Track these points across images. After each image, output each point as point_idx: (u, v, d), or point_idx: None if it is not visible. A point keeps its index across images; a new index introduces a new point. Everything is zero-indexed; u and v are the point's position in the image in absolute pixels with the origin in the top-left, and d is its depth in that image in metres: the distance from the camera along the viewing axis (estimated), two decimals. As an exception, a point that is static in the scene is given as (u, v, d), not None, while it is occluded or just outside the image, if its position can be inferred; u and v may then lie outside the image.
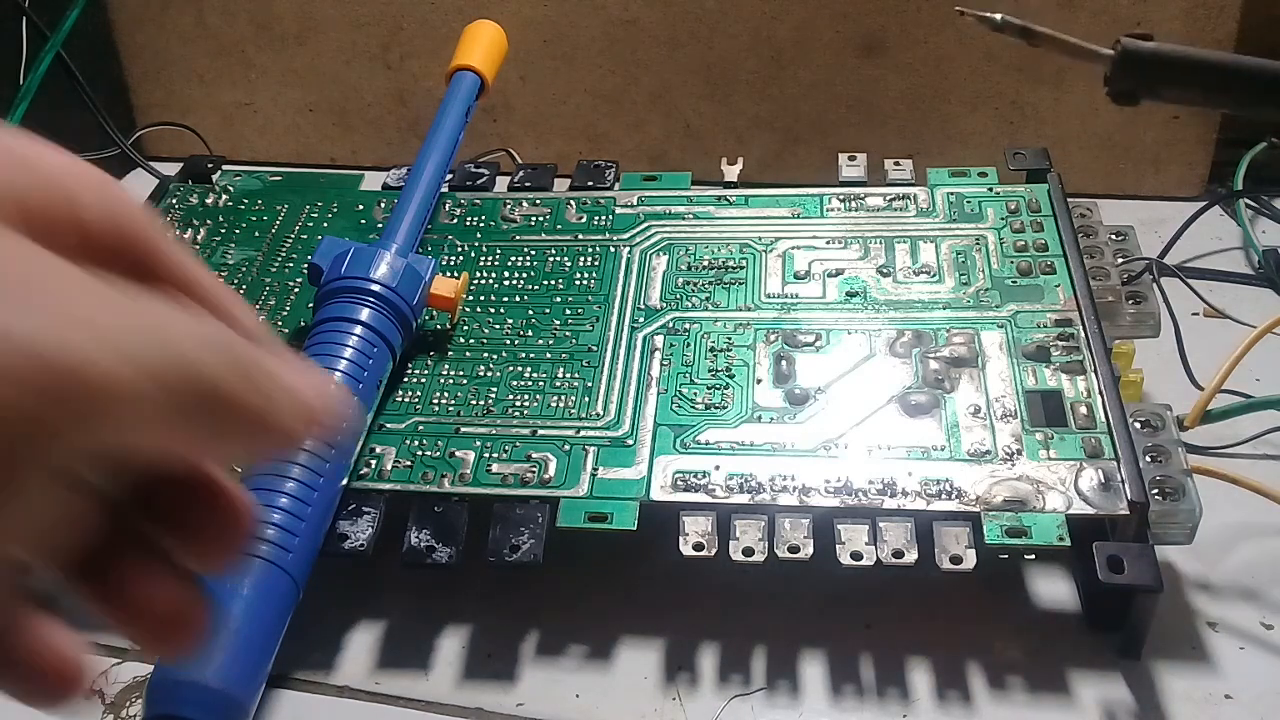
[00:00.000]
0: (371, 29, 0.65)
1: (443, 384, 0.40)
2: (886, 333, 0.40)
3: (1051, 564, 0.37)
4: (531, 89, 0.64)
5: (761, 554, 0.33)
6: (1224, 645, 0.35)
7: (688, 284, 0.43)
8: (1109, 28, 0.57)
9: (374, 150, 0.68)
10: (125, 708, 0.35)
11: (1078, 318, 0.39)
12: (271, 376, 0.16)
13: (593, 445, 0.37)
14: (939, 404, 0.37)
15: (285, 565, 0.32)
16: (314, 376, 0.18)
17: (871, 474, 0.35)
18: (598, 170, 0.49)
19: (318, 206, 0.49)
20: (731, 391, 0.38)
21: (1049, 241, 0.43)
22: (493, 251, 0.46)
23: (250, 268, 0.46)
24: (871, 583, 0.34)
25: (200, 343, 0.15)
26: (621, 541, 0.35)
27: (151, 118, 0.69)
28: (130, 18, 0.68)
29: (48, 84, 0.53)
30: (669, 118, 0.63)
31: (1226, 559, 0.37)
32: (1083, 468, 0.34)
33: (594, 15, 0.61)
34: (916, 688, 0.34)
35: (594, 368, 0.40)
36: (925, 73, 0.59)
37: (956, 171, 0.47)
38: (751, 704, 0.34)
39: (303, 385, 0.17)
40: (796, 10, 0.59)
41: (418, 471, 0.37)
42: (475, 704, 0.35)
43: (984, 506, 0.34)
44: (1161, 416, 0.36)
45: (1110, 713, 0.33)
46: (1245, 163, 0.56)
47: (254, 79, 0.68)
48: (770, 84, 0.61)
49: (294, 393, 0.17)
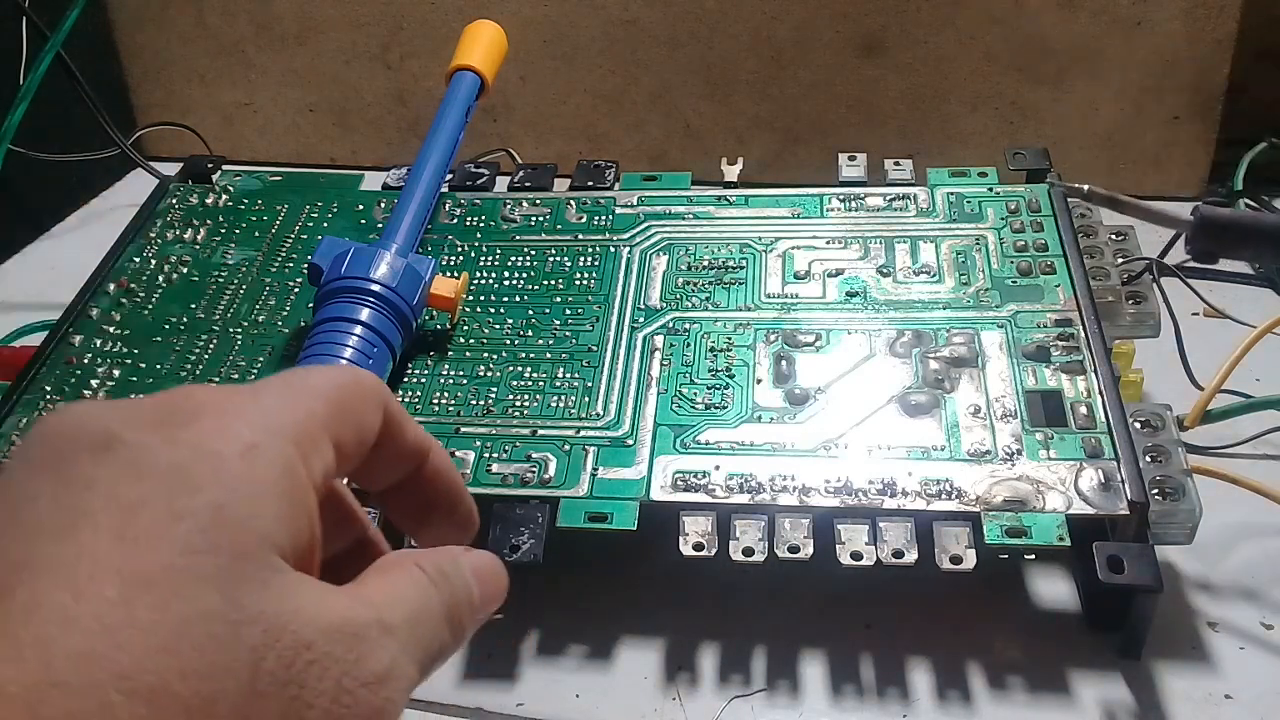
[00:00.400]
0: (371, 29, 0.65)
1: (443, 384, 0.40)
2: (886, 333, 0.40)
3: (1051, 564, 0.37)
4: (531, 89, 0.64)
5: (761, 554, 0.33)
6: (1224, 645, 0.35)
7: (688, 284, 0.43)
8: (1109, 28, 0.57)
9: (374, 150, 0.68)
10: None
11: (1078, 318, 0.39)
12: (474, 611, 0.20)
13: (593, 445, 0.37)
14: (939, 404, 0.37)
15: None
16: (495, 574, 0.22)
17: (871, 474, 0.35)
18: (598, 170, 0.49)
19: (318, 206, 0.49)
20: (731, 391, 0.38)
21: (1049, 241, 0.43)
22: (493, 251, 0.46)
23: (250, 268, 0.46)
24: (871, 583, 0.34)
25: (441, 622, 0.19)
26: (621, 541, 0.35)
27: (151, 118, 0.69)
28: (130, 18, 0.68)
29: (48, 84, 0.53)
30: (669, 118, 0.63)
31: (1226, 559, 0.37)
32: (1083, 468, 0.34)
33: (594, 15, 0.62)
34: (916, 688, 0.34)
35: (594, 368, 0.40)
36: (925, 73, 0.59)
37: (956, 171, 0.47)
38: (751, 704, 0.34)
39: (486, 594, 0.21)
40: (796, 10, 0.59)
41: (418, 471, 0.37)
42: (475, 704, 0.35)
43: (984, 506, 0.34)
44: (1161, 416, 0.36)
45: (1110, 713, 0.33)
46: (1245, 163, 0.56)
47: (254, 79, 0.68)
48: (770, 84, 0.61)
49: (485, 611, 0.21)
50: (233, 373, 0.41)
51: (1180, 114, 0.58)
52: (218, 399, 0.18)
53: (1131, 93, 0.58)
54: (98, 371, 0.42)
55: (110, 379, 0.41)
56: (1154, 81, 0.57)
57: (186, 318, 0.44)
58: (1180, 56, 0.57)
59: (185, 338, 0.43)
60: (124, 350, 0.43)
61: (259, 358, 0.42)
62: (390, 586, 0.19)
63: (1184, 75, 0.57)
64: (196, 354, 0.42)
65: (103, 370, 0.42)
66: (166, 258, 0.47)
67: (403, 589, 0.19)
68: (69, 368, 0.42)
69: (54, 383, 0.41)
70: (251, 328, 0.43)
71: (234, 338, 0.43)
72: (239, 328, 0.43)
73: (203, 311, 0.44)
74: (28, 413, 0.40)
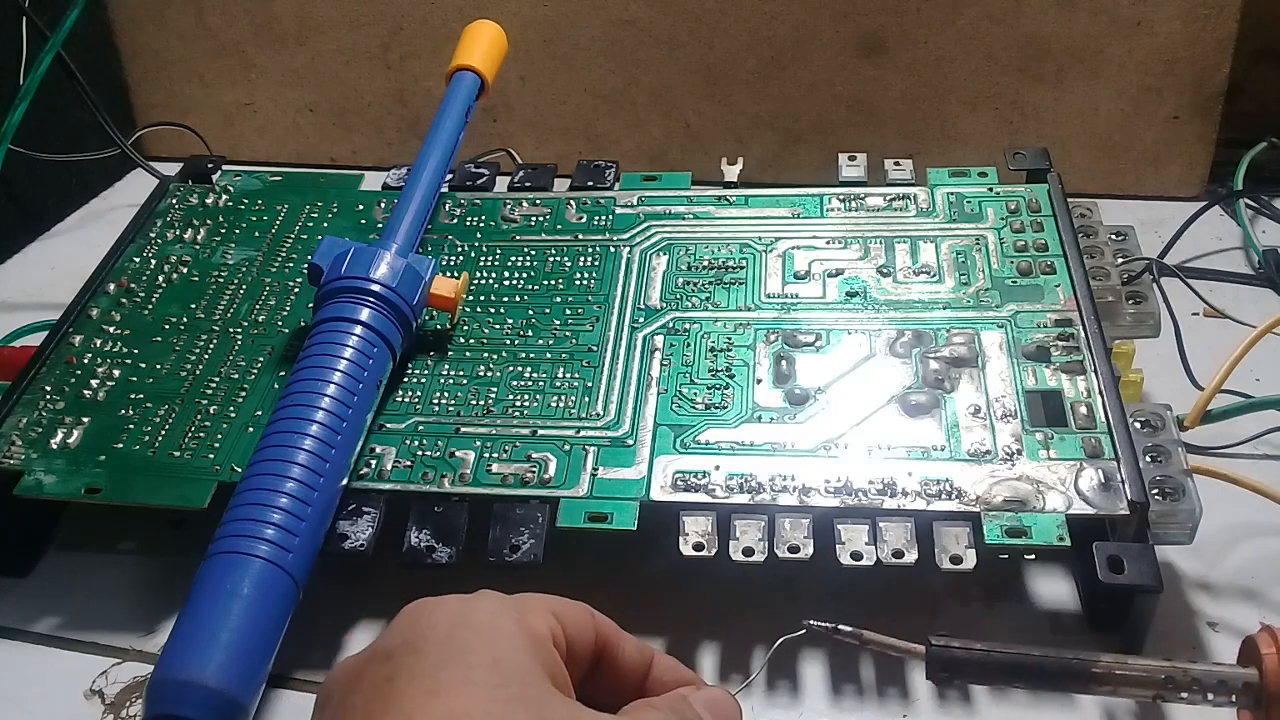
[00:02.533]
0: (371, 29, 0.65)
1: (443, 384, 0.40)
2: (886, 333, 0.40)
3: (1051, 564, 0.37)
4: (531, 89, 0.64)
5: (761, 554, 0.33)
6: (1224, 645, 0.35)
7: (688, 284, 0.43)
8: (1109, 28, 0.57)
9: (374, 150, 0.68)
10: (125, 708, 0.35)
11: (1078, 318, 0.39)
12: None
13: (593, 445, 0.37)
14: (939, 404, 0.37)
15: (285, 565, 0.32)
16: (721, 704, 0.26)
17: (871, 474, 0.35)
18: (598, 170, 0.49)
19: (318, 206, 0.49)
20: (731, 391, 0.38)
21: (1049, 241, 0.43)
22: (493, 251, 0.46)
23: (250, 268, 0.46)
24: (872, 583, 0.34)
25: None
26: (621, 541, 0.35)
27: (151, 118, 0.69)
28: (130, 18, 0.68)
29: (48, 84, 0.53)
30: (669, 118, 0.63)
31: (1226, 559, 0.37)
32: (1083, 468, 0.34)
33: (594, 15, 0.62)
34: (916, 688, 0.34)
35: (594, 368, 0.40)
36: (925, 73, 0.60)
37: (956, 171, 0.47)
38: (751, 704, 0.34)
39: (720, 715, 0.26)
40: (796, 10, 0.59)
41: (418, 471, 0.37)
42: (475, 704, 0.35)
43: (984, 506, 0.34)
44: (1161, 416, 0.36)
45: (1110, 713, 0.33)
46: (1245, 163, 0.56)
47: (254, 79, 0.68)
48: (770, 84, 0.61)
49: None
50: (232, 372, 0.41)
51: (1180, 114, 0.58)
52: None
53: (1131, 93, 0.58)
54: (98, 371, 0.42)
55: (110, 379, 0.41)
56: (1154, 81, 0.57)
57: (186, 318, 0.44)
58: (1180, 56, 0.57)
59: (185, 338, 0.43)
60: (124, 350, 0.43)
61: (259, 358, 0.42)
62: (637, 711, 0.24)
63: (1184, 75, 0.57)
64: (196, 354, 0.42)
65: (103, 370, 0.42)
66: (166, 258, 0.47)
67: (647, 711, 0.24)
68: (69, 368, 0.42)
69: (54, 383, 0.41)
70: (251, 328, 0.43)
71: (234, 338, 0.43)
72: (239, 328, 0.43)
73: (203, 311, 0.44)
74: (28, 412, 0.40)
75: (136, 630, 0.37)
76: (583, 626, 0.25)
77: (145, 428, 0.39)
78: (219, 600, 0.30)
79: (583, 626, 0.25)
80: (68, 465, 0.38)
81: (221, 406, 0.40)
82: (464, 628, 0.22)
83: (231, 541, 0.32)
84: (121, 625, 0.37)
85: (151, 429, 0.39)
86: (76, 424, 0.40)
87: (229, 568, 0.31)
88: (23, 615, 0.38)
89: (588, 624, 0.25)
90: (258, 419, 0.39)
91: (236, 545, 0.32)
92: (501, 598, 0.24)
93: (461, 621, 0.22)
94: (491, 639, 0.22)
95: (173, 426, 0.39)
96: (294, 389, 0.36)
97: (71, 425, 0.39)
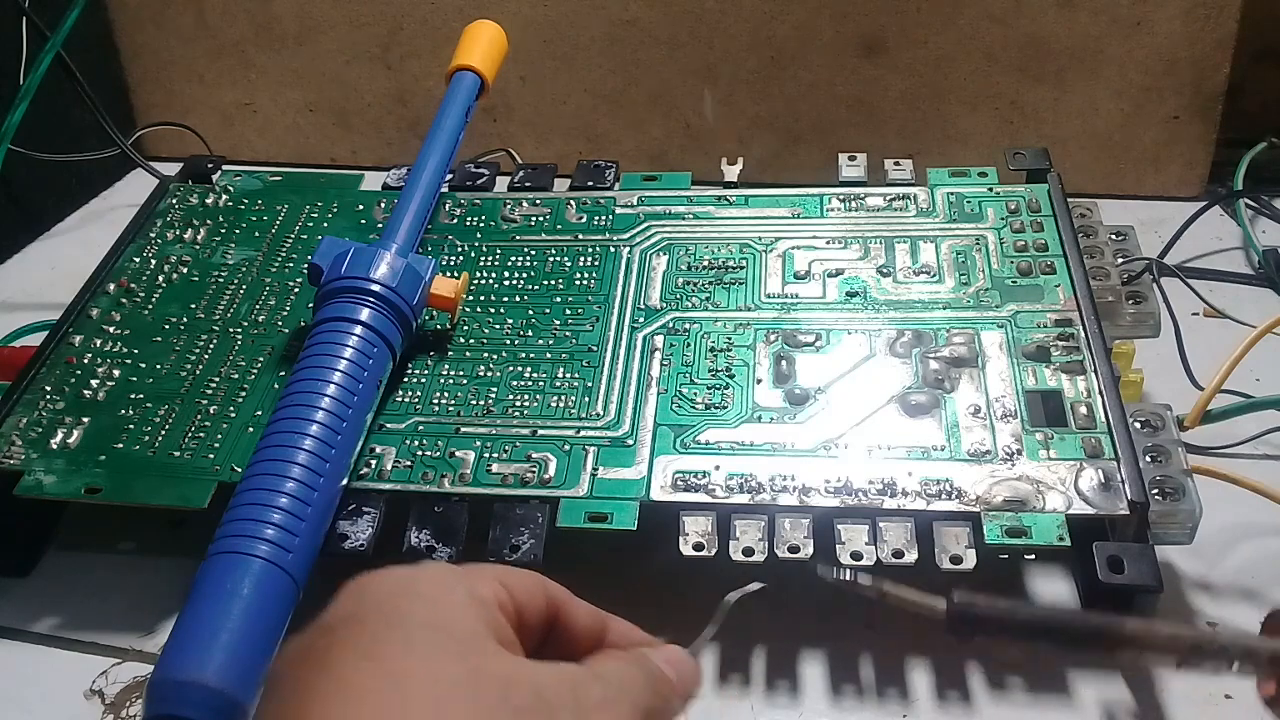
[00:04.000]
0: (371, 29, 0.65)
1: (443, 384, 0.40)
2: (886, 333, 0.40)
3: (1051, 564, 0.37)
4: (531, 89, 0.64)
5: (761, 554, 0.33)
6: (1224, 645, 0.35)
7: (688, 284, 0.43)
8: (1109, 28, 0.57)
9: (374, 150, 0.68)
10: (125, 708, 0.35)
11: (1078, 318, 0.39)
12: (669, 683, 0.25)
13: (593, 445, 0.37)
14: (939, 404, 0.37)
15: (285, 565, 0.32)
16: (681, 662, 0.27)
17: (871, 474, 0.35)
18: (598, 170, 0.49)
19: (318, 206, 0.49)
20: (731, 391, 0.38)
21: (1049, 241, 0.43)
22: (493, 251, 0.46)
23: (250, 268, 0.46)
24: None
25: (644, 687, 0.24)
26: (621, 541, 0.35)
27: (151, 118, 0.69)
28: (130, 18, 0.68)
29: (48, 84, 0.53)
30: (669, 118, 0.63)
31: (1226, 559, 0.37)
32: (1083, 468, 0.34)
33: (594, 15, 0.62)
34: (916, 688, 0.34)
35: (594, 368, 0.40)
36: (925, 73, 0.60)
37: (956, 171, 0.47)
38: (751, 704, 0.34)
39: (682, 677, 0.26)
40: (796, 10, 0.59)
41: (418, 471, 0.37)
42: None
43: (984, 506, 0.34)
44: (1161, 416, 0.36)
45: (1110, 713, 0.33)
46: (1245, 163, 0.56)
47: (254, 79, 0.68)
48: (770, 84, 0.61)
49: (682, 687, 0.26)
50: (232, 373, 0.41)
51: (1180, 114, 0.58)
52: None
53: (1131, 93, 0.58)
54: (98, 371, 0.42)
55: (110, 379, 0.41)
56: (1154, 81, 0.57)
57: (186, 318, 0.44)
58: (1180, 56, 0.57)
59: (185, 338, 0.43)
60: (124, 350, 0.43)
61: (259, 358, 0.42)
62: (595, 661, 0.25)
63: (1184, 75, 0.57)
64: (196, 354, 0.42)
65: (103, 370, 0.42)
66: (166, 258, 0.47)
67: (605, 659, 0.25)
68: (69, 367, 0.42)
69: (54, 383, 0.41)
70: (251, 328, 0.43)
71: (234, 338, 0.43)
72: (239, 328, 0.43)
73: (203, 311, 0.44)
74: (28, 412, 0.40)
75: (136, 630, 0.37)
76: (533, 593, 0.25)
77: (145, 428, 0.39)
78: (219, 600, 0.30)
79: (533, 593, 0.25)
80: (68, 465, 0.38)
81: (221, 406, 0.40)
82: (407, 596, 0.22)
83: (231, 541, 0.32)
84: (121, 625, 0.37)
85: (151, 429, 0.39)
86: (76, 424, 0.40)
87: (229, 568, 0.31)
88: (23, 615, 0.38)
89: (538, 590, 0.25)
90: (258, 419, 0.39)
91: (236, 545, 0.32)
92: (448, 567, 0.24)
93: (404, 590, 0.22)
94: (434, 605, 0.22)
95: (173, 426, 0.39)
96: (294, 389, 0.36)
97: (71, 425, 0.39)
